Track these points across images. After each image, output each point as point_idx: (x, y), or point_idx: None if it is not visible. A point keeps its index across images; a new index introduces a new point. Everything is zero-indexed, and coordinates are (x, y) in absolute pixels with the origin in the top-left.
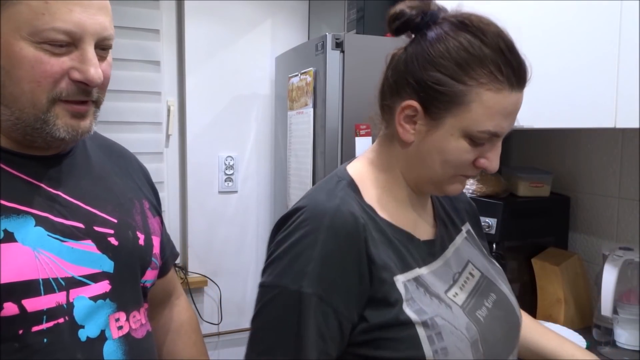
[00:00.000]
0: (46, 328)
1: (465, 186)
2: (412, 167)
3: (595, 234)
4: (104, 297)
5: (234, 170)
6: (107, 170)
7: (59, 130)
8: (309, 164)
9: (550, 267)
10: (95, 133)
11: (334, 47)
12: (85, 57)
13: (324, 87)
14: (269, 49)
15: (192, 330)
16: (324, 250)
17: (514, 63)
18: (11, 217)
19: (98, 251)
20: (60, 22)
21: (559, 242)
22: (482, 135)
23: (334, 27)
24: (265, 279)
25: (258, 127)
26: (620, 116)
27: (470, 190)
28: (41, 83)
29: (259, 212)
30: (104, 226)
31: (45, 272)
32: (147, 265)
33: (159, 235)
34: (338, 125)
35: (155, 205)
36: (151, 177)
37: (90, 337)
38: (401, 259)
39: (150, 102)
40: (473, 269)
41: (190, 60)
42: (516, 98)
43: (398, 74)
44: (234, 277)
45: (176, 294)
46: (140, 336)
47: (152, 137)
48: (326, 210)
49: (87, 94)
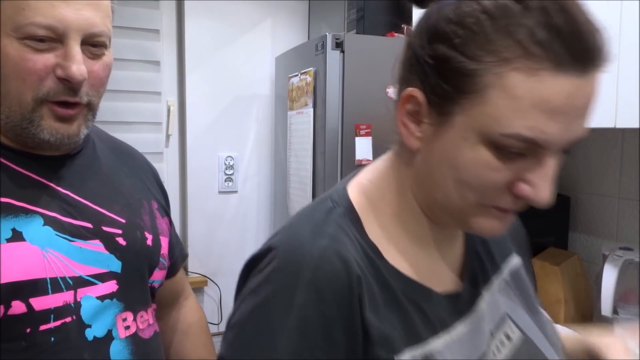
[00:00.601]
0: (54, 327)
1: (505, 224)
2: (422, 187)
3: (595, 234)
4: (111, 296)
5: (234, 170)
6: (116, 170)
7: (43, 132)
8: (309, 164)
9: (550, 267)
10: (105, 134)
11: (334, 47)
12: (68, 53)
13: (324, 87)
14: (269, 49)
15: (202, 332)
16: (301, 316)
17: (569, 29)
18: (20, 217)
19: (106, 251)
20: (41, 17)
21: (559, 242)
22: (511, 142)
23: (334, 27)
24: (224, 351)
25: (258, 127)
26: (621, 116)
27: None
28: (26, 80)
29: (259, 212)
30: (112, 226)
31: (53, 271)
32: (155, 266)
33: (167, 235)
34: (338, 125)
35: (164, 205)
36: (160, 178)
37: (97, 336)
38: (410, 328)
39: (150, 102)
40: (511, 327)
41: (190, 60)
42: (574, 86)
43: (408, 58)
44: (234, 277)
45: (185, 295)
46: (147, 336)
47: (152, 137)
48: (307, 256)
49: (74, 94)
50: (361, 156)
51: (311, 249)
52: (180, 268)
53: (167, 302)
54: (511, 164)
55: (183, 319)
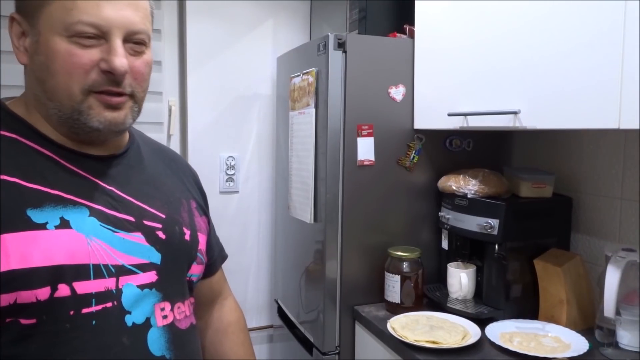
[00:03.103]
0: (95, 311)
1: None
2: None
3: (598, 235)
4: (150, 286)
5: (235, 170)
6: (158, 171)
7: (92, 121)
8: (311, 165)
9: (553, 268)
10: (150, 139)
11: (336, 47)
12: (112, 48)
13: (326, 87)
14: (271, 49)
15: (240, 330)
16: None
17: None
18: (68, 207)
19: (147, 243)
20: (86, 16)
21: (562, 243)
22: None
23: (335, 27)
24: None
25: (259, 127)
26: (625, 117)
27: (473, 191)
28: (73, 74)
29: (260, 213)
30: (153, 221)
31: (96, 258)
32: (193, 260)
33: (205, 233)
34: (340, 125)
35: (202, 206)
36: (201, 182)
37: (136, 323)
38: None
39: (151, 102)
40: None
41: (191, 60)
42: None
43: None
44: (234, 277)
45: (224, 295)
46: (184, 327)
47: (153, 137)
48: None
49: (117, 84)
50: (363, 156)
51: None
52: (219, 268)
53: (207, 300)
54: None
55: (222, 318)
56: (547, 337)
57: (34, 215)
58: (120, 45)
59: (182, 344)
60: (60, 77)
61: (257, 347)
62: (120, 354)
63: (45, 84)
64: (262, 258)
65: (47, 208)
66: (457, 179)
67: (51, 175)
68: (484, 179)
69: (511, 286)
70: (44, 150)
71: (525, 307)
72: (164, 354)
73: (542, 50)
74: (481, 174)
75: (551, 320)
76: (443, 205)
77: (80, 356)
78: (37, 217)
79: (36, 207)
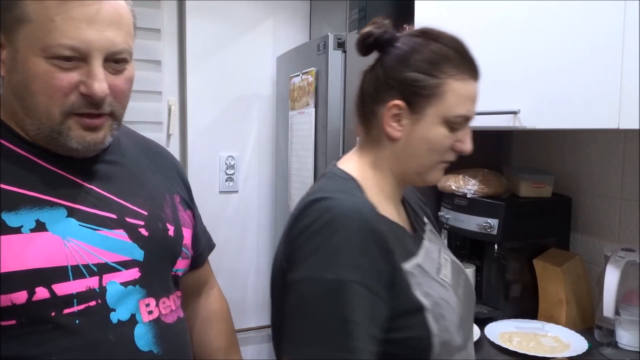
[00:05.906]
0: (77, 310)
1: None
2: (401, 162)
3: (597, 235)
4: (134, 283)
5: (235, 170)
6: (141, 166)
7: (72, 142)
8: (311, 164)
9: (552, 268)
10: (135, 133)
11: (335, 47)
12: (91, 72)
13: (325, 87)
14: (271, 49)
15: (223, 320)
16: (358, 242)
17: (470, 59)
18: (44, 209)
19: (130, 240)
20: (66, 39)
21: (561, 243)
22: (457, 119)
23: (335, 27)
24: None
25: (259, 127)
26: (624, 117)
27: (472, 191)
28: (53, 96)
29: (259, 212)
30: (135, 218)
31: (74, 259)
32: (178, 255)
33: (190, 227)
34: (340, 125)
35: (186, 199)
36: (185, 174)
37: (121, 320)
38: (403, 250)
39: (151, 102)
40: (445, 255)
41: (191, 59)
42: (476, 87)
43: (378, 82)
44: (234, 277)
45: (210, 285)
46: (171, 321)
47: (152, 137)
48: (351, 207)
49: (97, 107)
50: None
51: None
52: (206, 259)
53: (193, 291)
54: (455, 133)
55: (207, 307)
56: (546, 337)
57: (8, 219)
58: (100, 68)
59: (170, 338)
60: (40, 98)
61: (257, 347)
62: (108, 351)
63: (24, 101)
64: (262, 258)
65: (23, 211)
66: (456, 178)
67: (28, 176)
68: (483, 178)
69: (511, 286)
70: (20, 151)
71: (525, 307)
72: (152, 349)
73: (542, 50)
74: (481, 174)
75: (550, 320)
76: (442, 205)
77: (67, 355)
78: (12, 221)
79: (11, 210)
